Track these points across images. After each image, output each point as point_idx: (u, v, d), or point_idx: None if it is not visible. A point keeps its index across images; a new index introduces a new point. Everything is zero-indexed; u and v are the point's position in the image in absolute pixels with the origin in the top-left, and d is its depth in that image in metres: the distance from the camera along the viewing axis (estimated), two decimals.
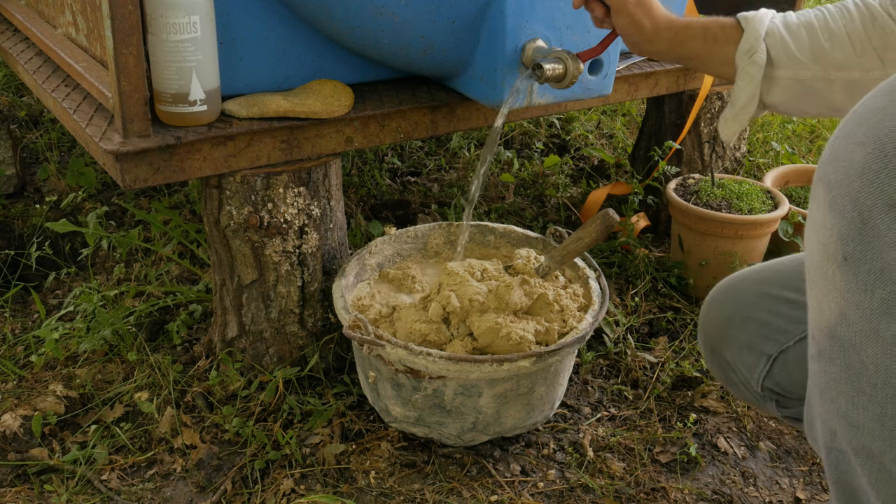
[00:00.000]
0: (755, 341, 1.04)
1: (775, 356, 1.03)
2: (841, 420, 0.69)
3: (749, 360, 1.05)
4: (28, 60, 1.55)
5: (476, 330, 1.21)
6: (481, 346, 1.21)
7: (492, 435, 1.27)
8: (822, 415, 0.72)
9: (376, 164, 2.27)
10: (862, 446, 0.68)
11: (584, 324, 1.24)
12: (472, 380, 1.17)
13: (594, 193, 2.03)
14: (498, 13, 1.23)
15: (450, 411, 1.22)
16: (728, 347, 1.08)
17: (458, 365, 1.14)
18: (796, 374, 1.02)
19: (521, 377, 1.20)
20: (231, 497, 1.24)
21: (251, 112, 1.24)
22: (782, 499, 1.27)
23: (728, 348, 1.08)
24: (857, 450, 0.68)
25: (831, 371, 0.69)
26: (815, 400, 0.73)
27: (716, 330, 1.10)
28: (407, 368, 1.18)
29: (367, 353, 1.21)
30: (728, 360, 1.09)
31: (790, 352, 1.01)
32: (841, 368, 0.68)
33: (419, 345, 1.20)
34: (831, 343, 0.69)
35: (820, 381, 0.71)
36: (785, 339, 1.02)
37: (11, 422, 1.33)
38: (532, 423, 1.30)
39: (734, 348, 1.07)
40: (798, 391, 1.03)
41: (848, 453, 0.70)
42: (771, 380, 1.04)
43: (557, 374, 1.27)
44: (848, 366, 0.67)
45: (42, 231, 1.90)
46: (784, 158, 2.22)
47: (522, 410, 1.25)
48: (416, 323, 1.24)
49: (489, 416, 1.23)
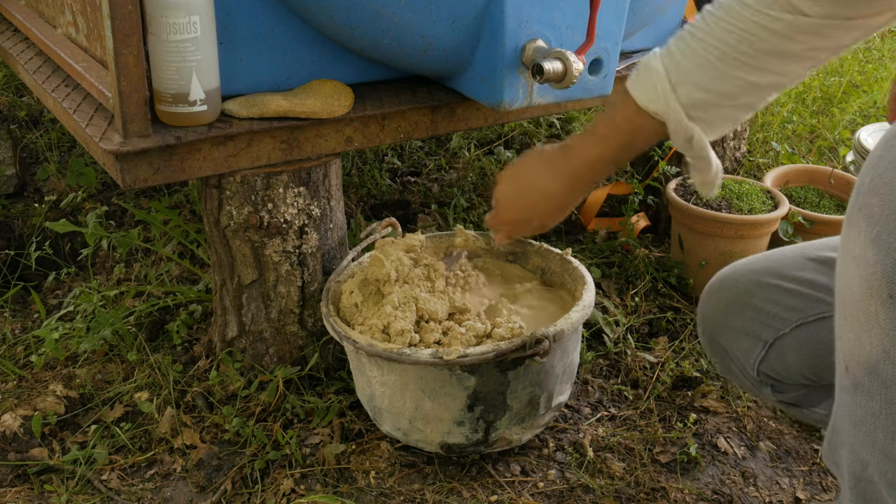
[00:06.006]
0: (752, 328, 1.06)
1: (771, 342, 1.04)
2: (877, 453, 0.69)
3: (745, 345, 1.07)
4: (28, 60, 1.55)
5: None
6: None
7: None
8: (854, 445, 0.72)
9: (376, 164, 2.27)
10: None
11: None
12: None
13: (594, 193, 2.03)
14: (498, 13, 1.23)
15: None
16: (725, 334, 1.09)
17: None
18: (791, 360, 1.03)
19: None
20: (231, 497, 1.24)
21: (251, 112, 1.24)
22: (782, 499, 1.27)
23: (725, 335, 1.09)
24: (891, 482, 0.68)
25: (870, 406, 0.69)
26: (845, 429, 0.73)
27: (714, 318, 1.11)
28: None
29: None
30: (725, 347, 1.11)
31: (786, 338, 1.03)
32: (882, 404, 0.68)
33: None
34: (871, 378, 0.69)
35: (854, 413, 0.71)
36: (782, 326, 1.03)
37: (11, 422, 1.33)
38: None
39: (731, 335, 1.08)
40: (793, 377, 1.05)
41: (879, 485, 0.70)
42: (766, 365, 1.06)
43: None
44: (889, 402, 0.67)
45: (42, 231, 1.90)
46: (784, 158, 2.22)
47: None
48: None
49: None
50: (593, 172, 1.07)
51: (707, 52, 0.91)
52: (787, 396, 1.09)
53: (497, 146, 2.36)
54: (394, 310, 1.22)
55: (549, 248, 1.44)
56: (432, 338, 1.21)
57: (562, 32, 1.29)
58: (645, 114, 0.97)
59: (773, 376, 1.07)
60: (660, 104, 0.95)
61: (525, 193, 1.15)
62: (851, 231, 0.69)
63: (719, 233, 1.70)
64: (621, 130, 1.01)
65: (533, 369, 1.20)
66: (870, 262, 0.66)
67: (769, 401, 1.14)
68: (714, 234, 1.70)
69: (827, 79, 2.76)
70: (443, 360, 1.13)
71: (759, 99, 0.95)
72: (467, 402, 1.20)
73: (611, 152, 1.03)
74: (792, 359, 1.03)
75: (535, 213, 1.15)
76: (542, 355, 1.14)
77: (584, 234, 1.97)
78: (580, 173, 1.07)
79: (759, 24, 0.88)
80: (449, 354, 1.13)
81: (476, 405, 1.20)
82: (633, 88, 0.98)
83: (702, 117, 0.95)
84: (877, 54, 3.05)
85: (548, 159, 1.11)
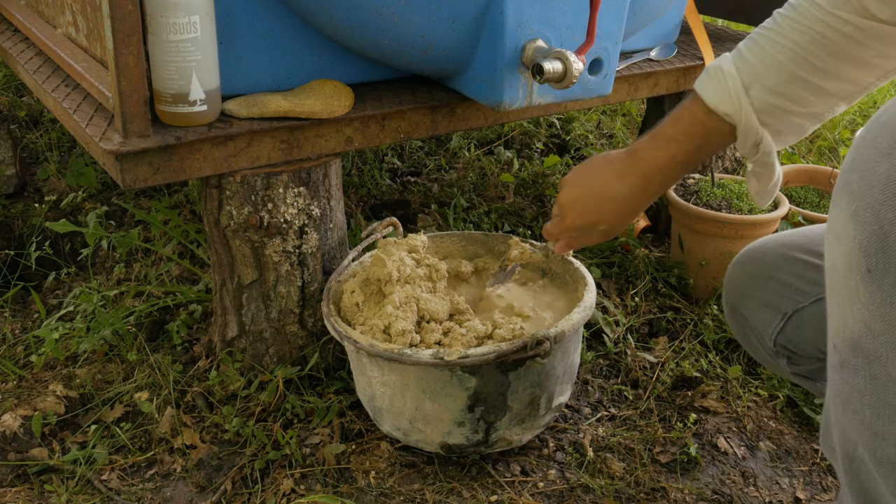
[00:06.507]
0: (773, 299, 1.06)
1: (790, 314, 1.05)
2: (865, 431, 0.69)
3: (765, 316, 1.08)
4: (28, 60, 1.55)
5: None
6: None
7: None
8: (843, 424, 0.72)
9: (376, 164, 2.27)
10: (886, 457, 0.68)
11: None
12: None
13: None
14: (498, 13, 1.23)
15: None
16: (747, 304, 1.10)
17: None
18: (808, 334, 1.04)
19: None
20: (231, 497, 1.24)
21: (251, 112, 1.24)
22: (782, 499, 1.27)
23: (747, 305, 1.10)
24: (880, 460, 0.68)
25: (855, 382, 0.69)
26: (835, 409, 0.73)
27: (738, 288, 1.12)
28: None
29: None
30: (746, 317, 1.12)
31: (805, 311, 1.03)
32: (866, 380, 0.68)
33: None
34: (855, 354, 0.69)
35: (842, 391, 0.71)
36: (802, 299, 1.03)
37: (11, 422, 1.33)
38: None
39: (753, 305, 1.09)
40: (809, 350, 1.06)
41: (869, 463, 0.70)
42: (784, 336, 1.06)
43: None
44: (873, 377, 0.67)
45: (42, 231, 1.90)
46: (784, 158, 2.22)
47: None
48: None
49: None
50: (663, 175, 1.05)
51: (778, 53, 0.91)
52: (802, 369, 1.10)
53: (497, 146, 2.36)
54: (395, 310, 1.22)
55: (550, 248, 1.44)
56: (433, 338, 1.21)
57: (562, 32, 1.29)
58: (715, 115, 0.96)
59: (789, 348, 1.08)
60: (732, 105, 0.94)
61: (592, 198, 1.11)
62: (835, 209, 0.70)
63: (719, 233, 1.70)
64: (691, 133, 0.99)
65: (534, 370, 1.20)
66: (849, 238, 0.67)
67: (784, 372, 1.14)
68: (714, 234, 1.70)
69: None
70: (444, 360, 1.13)
71: (828, 109, 0.94)
72: (468, 403, 1.20)
73: (682, 155, 1.01)
74: (808, 332, 1.04)
75: (602, 218, 1.12)
76: (543, 356, 1.14)
77: None
78: (649, 176, 1.05)
79: (830, 25, 0.88)
80: (450, 355, 1.13)
81: (476, 406, 1.20)
82: (703, 90, 0.97)
83: (771, 123, 0.94)
84: None
85: (615, 164, 1.08)
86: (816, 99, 0.93)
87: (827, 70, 0.90)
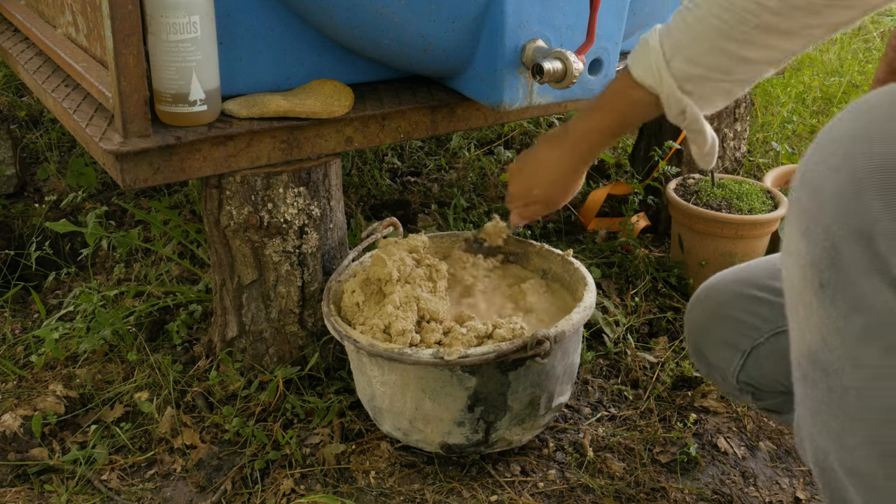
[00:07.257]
0: (731, 337, 1.07)
1: (749, 351, 1.06)
2: (833, 441, 0.70)
3: (725, 355, 1.09)
4: (28, 60, 1.55)
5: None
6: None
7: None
8: (813, 435, 0.73)
9: (376, 164, 2.27)
10: (854, 467, 0.69)
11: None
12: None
13: (594, 193, 2.03)
14: (498, 13, 1.23)
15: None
16: (707, 344, 1.12)
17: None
18: (768, 369, 1.05)
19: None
20: (231, 497, 1.24)
21: (251, 112, 1.24)
22: (782, 499, 1.27)
23: (707, 344, 1.12)
24: (849, 470, 0.70)
25: (816, 395, 0.71)
26: (804, 421, 0.75)
27: (698, 327, 1.13)
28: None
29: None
30: (708, 357, 1.12)
31: (762, 347, 1.05)
32: (825, 392, 0.70)
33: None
34: (814, 367, 0.70)
35: (809, 404, 0.73)
36: (757, 336, 1.05)
37: (11, 422, 1.33)
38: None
39: (713, 344, 1.11)
40: (770, 384, 1.07)
41: (839, 473, 0.71)
42: (745, 373, 1.07)
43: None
44: (831, 390, 0.69)
45: (42, 231, 1.90)
46: (784, 158, 2.22)
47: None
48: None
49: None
50: (588, 143, 1.12)
51: (702, 27, 0.93)
52: (767, 403, 1.10)
53: (497, 146, 2.36)
54: (395, 310, 1.22)
55: (550, 248, 1.44)
56: (433, 338, 1.21)
57: (562, 32, 1.29)
58: (640, 87, 1.00)
59: (752, 384, 1.08)
60: (654, 77, 0.98)
61: (527, 165, 1.23)
62: (788, 227, 0.72)
63: (719, 233, 1.70)
64: (616, 103, 1.06)
65: (534, 370, 1.20)
66: (802, 255, 0.68)
67: (752, 407, 1.15)
68: (714, 234, 1.70)
69: (827, 79, 2.76)
70: (444, 360, 1.13)
71: (754, 74, 0.96)
72: (468, 403, 1.20)
73: (605, 124, 1.08)
74: (768, 367, 1.05)
75: (534, 181, 1.22)
76: (543, 356, 1.14)
77: (585, 235, 1.97)
78: (575, 142, 1.14)
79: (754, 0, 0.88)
80: (450, 355, 1.13)
81: (476, 406, 1.20)
82: (630, 63, 1.01)
83: (695, 91, 0.97)
84: (877, 54, 3.05)
85: (550, 136, 1.20)
86: (741, 67, 0.94)
87: (750, 41, 0.91)
